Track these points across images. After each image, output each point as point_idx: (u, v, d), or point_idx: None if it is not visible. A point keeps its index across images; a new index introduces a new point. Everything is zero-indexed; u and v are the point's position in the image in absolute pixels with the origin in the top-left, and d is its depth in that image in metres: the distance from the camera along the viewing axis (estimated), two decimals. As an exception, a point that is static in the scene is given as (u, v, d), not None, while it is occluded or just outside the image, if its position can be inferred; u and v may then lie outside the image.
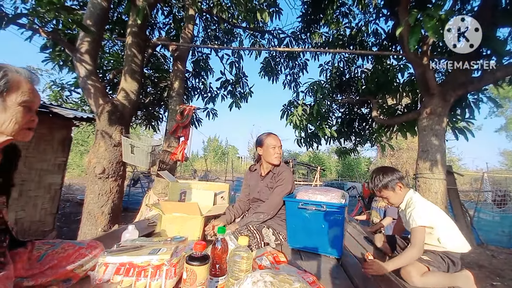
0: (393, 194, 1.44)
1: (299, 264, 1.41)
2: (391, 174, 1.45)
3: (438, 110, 2.65)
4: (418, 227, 1.25)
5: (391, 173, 1.45)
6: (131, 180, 8.41)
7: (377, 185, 1.46)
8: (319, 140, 4.98)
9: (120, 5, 4.84)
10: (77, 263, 1.03)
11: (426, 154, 2.65)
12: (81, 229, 2.81)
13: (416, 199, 1.39)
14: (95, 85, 2.76)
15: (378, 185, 1.45)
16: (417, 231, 1.25)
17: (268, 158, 1.88)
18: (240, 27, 6.07)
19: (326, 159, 26.96)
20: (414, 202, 1.36)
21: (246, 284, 0.73)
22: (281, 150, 1.90)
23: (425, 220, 1.26)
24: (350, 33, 4.95)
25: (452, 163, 20.25)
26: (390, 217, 2.62)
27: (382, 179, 1.44)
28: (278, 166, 1.90)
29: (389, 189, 1.43)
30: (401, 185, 1.43)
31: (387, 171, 1.47)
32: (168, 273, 1.02)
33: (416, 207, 1.33)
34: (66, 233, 4.46)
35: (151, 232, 1.84)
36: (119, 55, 5.11)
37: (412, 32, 1.98)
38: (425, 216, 1.28)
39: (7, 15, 2.09)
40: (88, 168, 2.90)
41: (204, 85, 6.16)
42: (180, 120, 3.50)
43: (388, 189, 1.43)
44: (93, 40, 2.71)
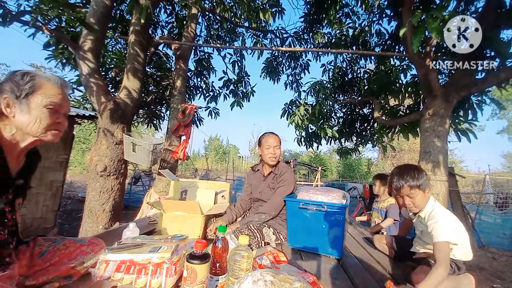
0: (422, 196, 1.32)
1: (299, 264, 1.41)
2: (425, 174, 1.33)
3: (441, 112, 2.64)
4: (443, 242, 1.16)
5: (424, 173, 1.33)
6: (132, 178, 8.44)
7: (409, 181, 1.30)
8: (320, 140, 4.97)
9: (123, 3, 4.84)
10: (78, 260, 1.04)
11: (428, 156, 2.64)
12: (82, 226, 2.83)
13: (440, 210, 1.30)
14: (97, 83, 2.77)
15: (411, 183, 1.29)
16: (443, 246, 1.16)
17: (264, 158, 1.88)
18: (243, 27, 6.06)
19: (327, 160, 26.91)
20: (439, 214, 1.27)
21: (247, 283, 0.74)
22: (277, 150, 1.85)
23: (452, 236, 1.18)
24: (353, 33, 4.93)
25: (454, 165, 20.15)
26: (391, 218, 2.62)
27: (417, 176, 1.30)
28: (275, 166, 1.89)
29: (421, 189, 1.30)
30: (429, 188, 1.35)
31: (420, 169, 1.35)
32: (168, 271, 1.02)
33: (442, 219, 1.24)
34: (67, 230, 4.48)
35: (152, 230, 1.85)
36: (122, 53, 5.12)
37: (416, 33, 1.97)
38: (451, 231, 1.20)
39: (10, 12, 2.09)
40: (89, 165, 2.91)
41: (206, 84, 6.16)
42: (181, 119, 3.50)
43: (420, 189, 1.30)
44: (96, 38, 2.71)
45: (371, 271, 1.42)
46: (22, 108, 0.83)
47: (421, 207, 1.35)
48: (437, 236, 1.18)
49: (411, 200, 1.34)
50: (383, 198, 2.85)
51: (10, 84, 0.82)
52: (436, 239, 1.18)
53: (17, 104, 0.82)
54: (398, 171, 1.38)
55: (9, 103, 0.82)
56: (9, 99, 0.82)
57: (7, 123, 0.83)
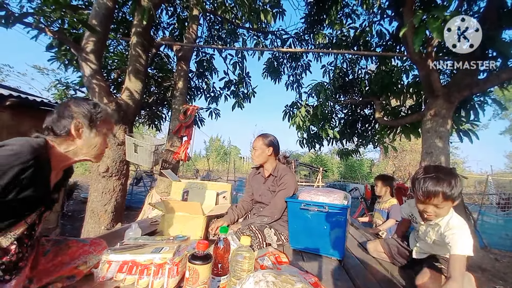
0: (449, 207, 1.18)
1: (300, 265, 1.41)
2: (461, 182, 1.16)
3: (443, 112, 2.63)
4: (461, 256, 1.07)
5: (461, 181, 1.17)
6: (134, 179, 8.47)
7: (445, 190, 1.12)
8: (321, 141, 4.96)
9: (125, 5, 4.87)
10: (81, 259, 1.05)
11: (430, 156, 2.63)
12: (84, 227, 2.84)
13: (457, 220, 1.20)
14: (99, 84, 2.79)
15: (448, 192, 1.12)
16: (460, 261, 1.07)
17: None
18: (244, 28, 6.08)
19: (328, 160, 26.87)
20: (457, 225, 1.18)
21: (248, 283, 0.74)
22: (255, 152, 1.84)
23: (471, 249, 1.09)
24: (354, 34, 4.93)
25: (456, 165, 20.04)
26: (393, 219, 2.61)
27: (456, 185, 1.12)
28: (261, 166, 1.89)
29: (454, 200, 1.16)
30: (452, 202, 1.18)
31: (457, 176, 1.16)
32: (170, 272, 1.03)
33: (461, 231, 1.14)
34: (69, 231, 4.50)
35: (153, 230, 1.86)
36: (123, 55, 5.15)
37: (417, 33, 1.96)
38: (470, 243, 1.11)
39: (13, 13, 2.11)
40: (91, 166, 2.92)
41: (208, 85, 6.18)
42: (183, 119, 3.52)
43: (454, 200, 1.16)
44: (98, 40, 2.73)
45: (373, 272, 1.42)
46: (89, 133, 0.96)
47: (442, 217, 1.23)
48: (456, 249, 1.09)
49: (436, 210, 1.18)
50: (385, 199, 2.84)
51: (83, 110, 0.96)
52: (454, 251, 1.09)
53: (86, 129, 0.96)
54: (433, 175, 1.15)
55: (79, 127, 0.94)
56: (81, 124, 0.94)
57: (67, 142, 0.93)
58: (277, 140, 1.93)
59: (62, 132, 0.91)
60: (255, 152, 1.86)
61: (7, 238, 0.79)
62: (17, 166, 0.74)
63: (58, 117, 0.92)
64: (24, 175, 0.76)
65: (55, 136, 0.91)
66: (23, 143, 0.78)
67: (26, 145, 0.78)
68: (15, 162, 0.74)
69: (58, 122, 0.92)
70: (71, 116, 0.93)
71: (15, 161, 0.74)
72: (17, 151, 0.75)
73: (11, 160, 0.73)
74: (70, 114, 0.93)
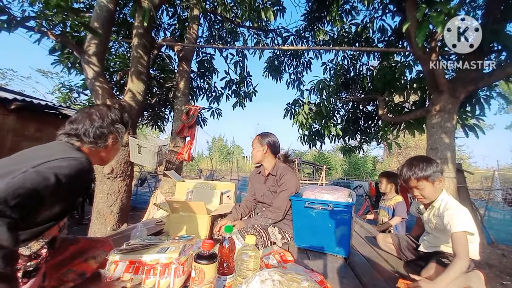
0: (431, 188, 1.30)
1: (306, 263, 1.41)
2: (436, 165, 1.31)
3: (448, 107, 2.59)
4: (461, 232, 1.13)
5: (436, 164, 1.31)
6: (139, 179, 8.54)
7: (416, 173, 1.29)
8: (323, 139, 4.93)
9: (126, 7, 4.89)
10: (89, 253, 1.09)
11: (435, 152, 2.59)
12: (90, 228, 2.87)
13: (454, 202, 1.28)
14: (102, 86, 2.80)
15: (419, 174, 1.29)
16: (461, 237, 1.13)
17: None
18: (244, 27, 6.07)
19: (331, 158, 26.75)
20: (453, 206, 1.26)
21: (255, 282, 0.74)
22: (253, 151, 1.92)
23: (470, 226, 1.15)
24: (356, 30, 4.88)
25: (462, 161, 19.82)
26: (399, 217, 2.58)
27: (426, 168, 1.28)
28: (273, 167, 1.86)
29: (429, 181, 1.29)
30: (441, 179, 1.31)
31: (431, 160, 1.33)
32: (176, 272, 1.03)
33: (458, 210, 1.22)
34: (76, 232, 4.53)
35: (159, 231, 1.87)
36: (125, 56, 5.18)
37: (420, 27, 1.94)
38: (469, 221, 1.18)
39: (15, 18, 2.12)
40: (97, 168, 2.95)
41: (209, 85, 6.19)
42: (186, 120, 3.53)
43: (428, 181, 1.29)
44: (100, 42, 2.75)
45: (379, 269, 1.41)
46: (119, 145, 1.05)
47: (431, 198, 1.34)
48: (454, 227, 1.15)
49: (420, 192, 1.33)
50: (390, 196, 2.81)
51: (120, 123, 1.02)
52: (454, 229, 1.15)
53: (119, 142, 1.04)
54: (407, 163, 1.37)
55: (117, 141, 1.02)
56: (118, 137, 1.02)
57: (100, 151, 0.98)
58: (275, 139, 1.92)
59: (101, 143, 0.95)
60: (252, 150, 1.93)
61: (39, 243, 0.81)
62: (90, 181, 0.84)
63: (100, 127, 0.94)
64: (84, 183, 0.84)
65: (94, 145, 0.94)
66: (82, 157, 0.83)
67: (86, 159, 0.84)
68: (89, 177, 0.83)
69: (99, 132, 0.94)
70: (111, 129, 0.98)
71: (88, 176, 0.83)
72: (86, 167, 0.81)
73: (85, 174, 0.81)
74: (110, 126, 0.98)
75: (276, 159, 1.91)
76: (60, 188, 0.72)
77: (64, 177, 0.73)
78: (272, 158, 1.89)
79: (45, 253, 0.84)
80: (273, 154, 1.90)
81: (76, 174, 0.77)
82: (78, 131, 0.91)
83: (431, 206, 1.37)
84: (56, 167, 0.72)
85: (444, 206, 1.29)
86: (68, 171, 0.74)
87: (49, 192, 0.69)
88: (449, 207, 1.26)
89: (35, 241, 0.79)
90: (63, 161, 0.75)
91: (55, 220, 0.82)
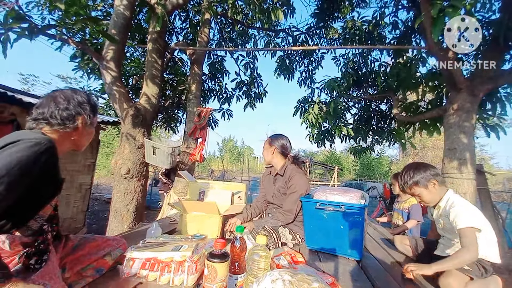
0: (425, 192, 1.34)
1: (317, 265, 1.40)
2: (424, 170, 1.34)
3: (466, 106, 2.48)
4: (468, 228, 1.13)
5: (424, 169, 1.35)
6: (153, 180, 8.77)
7: (406, 182, 1.36)
8: (333, 138, 4.85)
9: (140, 13, 5.07)
10: (106, 250, 1.15)
11: (453, 153, 2.49)
12: (108, 226, 3.00)
13: (459, 200, 1.28)
14: (120, 90, 2.93)
15: (408, 182, 1.35)
16: (468, 232, 1.13)
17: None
18: (254, 28, 6.11)
19: (343, 159, 26.23)
20: (459, 203, 1.26)
21: (266, 282, 0.75)
22: (263, 152, 1.99)
23: (475, 221, 1.15)
24: (368, 27, 4.77)
25: (484, 161, 18.77)
26: (415, 220, 2.51)
27: (413, 175, 1.34)
28: (282, 168, 1.87)
29: (421, 186, 1.34)
30: (435, 182, 1.33)
31: (419, 167, 1.37)
32: (190, 269, 1.07)
33: (463, 207, 1.23)
34: (95, 230, 4.77)
35: (172, 229, 1.93)
36: (140, 61, 5.37)
37: (435, 24, 1.88)
38: (474, 216, 1.18)
39: (36, 26, 2.22)
40: (114, 169, 3.08)
41: (220, 87, 6.28)
42: (197, 122, 3.61)
43: (420, 186, 1.34)
44: (118, 48, 2.87)
45: (393, 273, 1.38)
46: (89, 127, 1.01)
47: (433, 201, 1.37)
48: (460, 223, 1.17)
49: (418, 197, 1.39)
50: (404, 198, 2.73)
51: (89, 105, 0.98)
52: (459, 225, 1.16)
53: (90, 124, 1.00)
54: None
55: (86, 122, 0.97)
56: (87, 118, 0.98)
57: (69, 134, 0.95)
58: (283, 140, 1.92)
59: (70, 125, 0.92)
60: (263, 151, 2.01)
61: (37, 221, 0.87)
62: (44, 154, 0.78)
63: (66, 109, 0.92)
64: (51, 159, 0.82)
65: (62, 127, 0.91)
66: (35, 135, 0.81)
67: (39, 136, 0.81)
68: (41, 150, 0.78)
69: (66, 113, 0.91)
70: (80, 110, 0.95)
71: (40, 149, 0.77)
72: (37, 141, 0.78)
73: (36, 149, 0.76)
74: (78, 107, 0.94)
75: (286, 159, 1.92)
76: (21, 171, 0.72)
77: (20, 159, 0.72)
78: (281, 159, 1.90)
79: (47, 229, 0.89)
80: (282, 155, 1.90)
81: (32, 154, 0.75)
82: (45, 115, 0.90)
83: (437, 206, 1.39)
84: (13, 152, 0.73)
85: (450, 204, 1.29)
86: (22, 153, 0.74)
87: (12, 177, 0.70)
88: (454, 204, 1.26)
89: (33, 221, 0.85)
90: (18, 145, 0.75)
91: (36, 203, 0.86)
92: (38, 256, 0.86)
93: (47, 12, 3.96)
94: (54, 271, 0.87)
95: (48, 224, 0.91)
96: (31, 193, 0.81)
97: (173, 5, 3.28)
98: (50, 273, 0.85)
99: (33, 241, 0.85)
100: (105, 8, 4.88)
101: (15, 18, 2.11)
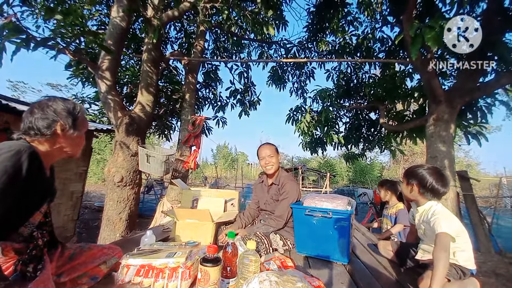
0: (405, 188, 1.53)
1: (306, 270, 1.47)
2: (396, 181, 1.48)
3: (445, 117, 2.65)
4: (443, 233, 1.24)
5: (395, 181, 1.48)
6: (145, 187, 8.66)
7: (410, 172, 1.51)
8: (325, 146, 5.00)
9: (135, 22, 5.16)
10: (101, 259, 1.19)
11: (435, 161, 2.64)
12: (100, 234, 2.98)
13: (441, 210, 1.40)
14: (114, 99, 2.98)
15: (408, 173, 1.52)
16: (443, 237, 1.24)
17: (263, 169, 1.98)
18: (248, 39, 6.29)
19: (336, 165, 26.53)
20: (440, 212, 1.37)
21: (254, 283, 0.82)
22: (271, 159, 1.90)
23: (451, 229, 1.26)
24: (357, 40, 5.02)
25: (471, 167, 19.37)
26: (401, 224, 2.61)
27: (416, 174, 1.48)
28: (275, 176, 1.93)
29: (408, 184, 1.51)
30: (417, 188, 1.46)
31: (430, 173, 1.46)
32: (183, 275, 1.12)
33: (442, 216, 1.33)
34: (85, 239, 4.67)
35: (166, 237, 1.96)
36: (135, 69, 5.42)
37: (414, 43, 2.04)
38: (451, 225, 1.28)
39: (34, 37, 2.26)
40: (107, 177, 3.09)
41: (214, 95, 6.37)
42: (192, 130, 3.66)
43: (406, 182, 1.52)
44: (113, 58, 2.93)
45: (377, 276, 1.46)
46: (72, 133, 1.02)
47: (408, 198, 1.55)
48: (437, 229, 1.27)
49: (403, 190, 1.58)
50: (391, 204, 2.84)
51: (65, 111, 1.01)
52: (437, 230, 1.26)
53: (70, 129, 1.01)
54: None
55: (65, 127, 1.00)
56: (65, 124, 1.00)
57: (52, 142, 0.98)
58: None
59: (48, 132, 0.95)
60: (272, 159, 1.90)
61: (27, 228, 0.91)
62: (25, 161, 0.82)
63: (42, 118, 0.95)
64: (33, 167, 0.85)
65: (41, 136, 0.94)
66: (14, 143, 0.85)
67: (19, 144, 0.85)
68: (22, 159, 0.81)
69: (42, 122, 0.95)
70: (55, 117, 0.97)
71: (21, 158, 0.81)
72: (16, 149, 0.81)
73: (17, 159, 0.80)
74: (54, 114, 0.97)
75: (280, 168, 2.00)
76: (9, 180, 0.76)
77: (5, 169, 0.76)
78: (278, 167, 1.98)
79: (37, 235, 0.94)
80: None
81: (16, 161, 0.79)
82: (24, 128, 0.95)
83: (419, 212, 1.49)
84: None
85: (432, 212, 1.38)
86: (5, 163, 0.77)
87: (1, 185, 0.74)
88: (436, 213, 1.36)
89: (23, 227, 0.90)
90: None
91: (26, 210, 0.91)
92: (35, 263, 0.91)
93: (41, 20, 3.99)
94: (49, 279, 0.91)
95: (38, 230, 0.95)
96: (20, 200, 0.85)
97: (168, 17, 3.38)
98: (45, 281, 0.89)
99: (25, 247, 0.90)
100: (101, 17, 4.95)
101: (13, 30, 2.15)
